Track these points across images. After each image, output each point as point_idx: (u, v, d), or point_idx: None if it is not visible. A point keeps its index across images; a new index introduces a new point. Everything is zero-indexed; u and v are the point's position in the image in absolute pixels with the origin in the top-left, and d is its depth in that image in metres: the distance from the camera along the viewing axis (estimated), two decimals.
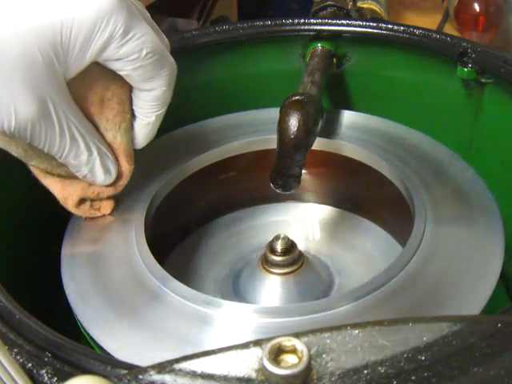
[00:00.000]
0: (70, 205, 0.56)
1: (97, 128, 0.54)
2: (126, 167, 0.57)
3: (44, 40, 0.47)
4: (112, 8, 0.48)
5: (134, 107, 0.56)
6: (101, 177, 0.55)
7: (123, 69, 0.52)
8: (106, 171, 0.55)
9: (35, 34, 0.46)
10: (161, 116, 0.56)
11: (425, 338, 0.33)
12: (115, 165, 0.56)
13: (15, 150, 0.52)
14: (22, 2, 0.46)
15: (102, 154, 0.54)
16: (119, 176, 0.57)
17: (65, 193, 0.56)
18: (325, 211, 0.72)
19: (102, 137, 0.55)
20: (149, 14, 0.53)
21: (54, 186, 0.56)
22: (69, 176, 0.55)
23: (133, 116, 0.56)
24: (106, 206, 0.57)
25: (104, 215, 0.58)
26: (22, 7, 0.46)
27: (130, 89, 0.55)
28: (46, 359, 0.39)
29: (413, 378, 0.31)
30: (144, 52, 0.51)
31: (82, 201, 0.56)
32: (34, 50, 0.46)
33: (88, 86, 0.53)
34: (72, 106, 0.51)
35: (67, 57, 0.48)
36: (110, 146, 0.55)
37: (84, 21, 0.47)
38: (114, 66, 0.51)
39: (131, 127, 0.56)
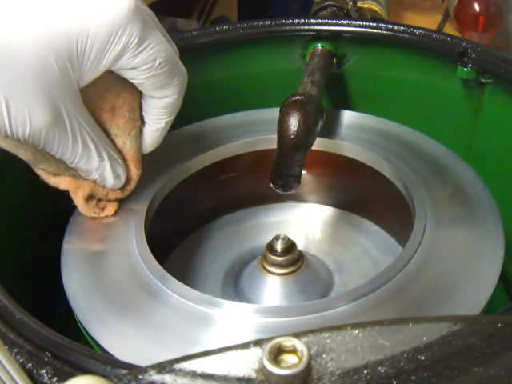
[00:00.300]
0: (79, 196, 0.56)
1: (107, 134, 0.55)
2: (134, 172, 0.57)
3: (59, 48, 0.47)
4: (127, 18, 0.48)
5: (144, 113, 0.56)
6: (110, 181, 0.56)
7: (136, 77, 0.52)
8: (116, 176, 0.56)
9: (51, 42, 0.46)
10: (170, 122, 0.57)
11: (425, 338, 0.33)
12: (124, 170, 0.56)
13: (24, 154, 0.52)
14: (38, 9, 0.46)
15: (113, 160, 0.55)
16: (127, 180, 0.57)
17: (76, 184, 0.56)
18: (325, 211, 0.72)
19: (113, 143, 0.55)
20: (158, 21, 0.53)
21: (65, 181, 0.56)
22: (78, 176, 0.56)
23: (142, 122, 0.57)
24: (110, 208, 0.58)
25: (106, 216, 0.58)
26: (38, 15, 0.46)
27: (140, 96, 0.55)
28: (46, 359, 0.39)
29: (413, 378, 0.31)
30: (158, 61, 0.51)
31: (90, 197, 0.57)
32: (49, 57, 0.47)
33: (100, 93, 0.53)
34: (85, 113, 0.51)
35: (82, 65, 0.48)
36: (119, 152, 0.56)
37: (100, 30, 0.47)
38: (128, 74, 0.52)
39: (140, 133, 0.57)
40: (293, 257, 0.58)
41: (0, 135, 0.49)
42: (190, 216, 0.70)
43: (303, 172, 0.58)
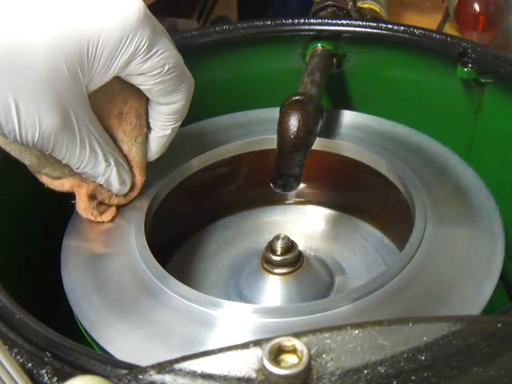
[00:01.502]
0: (84, 191, 0.56)
1: (114, 140, 0.55)
2: (139, 179, 0.58)
3: (70, 50, 0.47)
4: (138, 23, 0.48)
5: (150, 120, 0.56)
6: (116, 187, 0.56)
7: (144, 83, 0.52)
8: (122, 182, 0.56)
9: (62, 44, 0.46)
10: (176, 129, 0.57)
11: (425, 338, 0.33)
12: (130, 176, 0.56)
13: (28, 159, 0.52)
14: (49, 11, 0.46)
15: (119, 165, 0.55)
16: (131, 187, 0.57)
17: (81, 182, 0.55)
18: (324, 211, 0.72)
19: (119, 149, 0.55)
20: (165, 29, 0.53)
21: (69, 181, 0.55)
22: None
23: (148, 128, 0.57)
24: (108, 214, 0.57)
25: (102, 222, 0.57)
26: (49, 16, 0.46)
27: (146, 102, 0.56)
28: (46, 359, 0.39)
29: (413, 378, 0.31)
30: (166, 67, 0.51)
31: (92, 197, 0.56)
32: (60, 60, 0.46)
33: (108, 99, 0.54)
34: (93, 118, 0.51)
35: (92, 69, 0.48)
36: (125, 158, 0.56)
37: (111, 33, 0.48)
38: (136, 80, 0.52)
39: (146, 139, 0.57)
40: (293, 257, 0.58)
41: (7, 139, 0.49)
42: (190, 217, 0.70)
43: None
